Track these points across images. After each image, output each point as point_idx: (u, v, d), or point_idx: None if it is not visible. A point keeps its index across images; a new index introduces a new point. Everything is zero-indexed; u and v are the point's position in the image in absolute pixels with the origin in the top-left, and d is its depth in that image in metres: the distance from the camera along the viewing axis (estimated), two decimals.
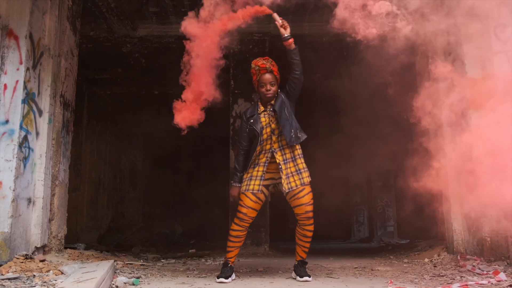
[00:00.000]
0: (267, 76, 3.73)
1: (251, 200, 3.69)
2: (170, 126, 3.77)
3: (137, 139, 12.94)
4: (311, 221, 3.70)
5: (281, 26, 3.64)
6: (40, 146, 4.46)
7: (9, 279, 3.30)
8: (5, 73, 4.09)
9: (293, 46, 3.63)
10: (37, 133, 4.44)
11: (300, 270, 3.74)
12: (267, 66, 3.72)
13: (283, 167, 3.69)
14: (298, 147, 3.77)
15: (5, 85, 4.08)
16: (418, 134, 4.65)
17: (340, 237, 14.17)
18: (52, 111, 4.67)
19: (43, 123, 4.52)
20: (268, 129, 3.77)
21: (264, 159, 3.76)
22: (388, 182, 12.39)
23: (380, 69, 4.64)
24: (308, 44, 7.32)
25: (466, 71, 4.42)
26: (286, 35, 3.63)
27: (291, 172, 3.70)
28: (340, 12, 3.61)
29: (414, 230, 9.90)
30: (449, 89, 4.59)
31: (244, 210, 3.69)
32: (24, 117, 4.15)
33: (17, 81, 4.12)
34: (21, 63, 4.15)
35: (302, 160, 3.76)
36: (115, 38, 7.48)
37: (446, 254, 4.92)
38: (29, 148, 4.27)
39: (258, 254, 6.68)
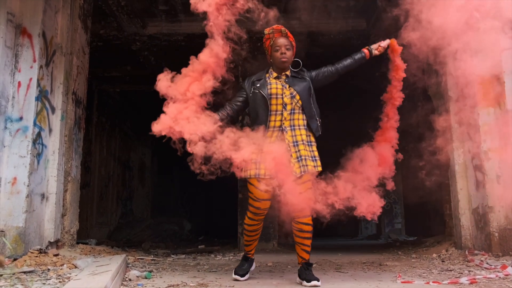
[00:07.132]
0: (282, 39, 3.33)
1: (261, 191, 3.15)
2: None
3: (145, 136, 13.01)
4: (306, 213, 3.19)
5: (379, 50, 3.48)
6: (53, 142, 4.53)
7: (24, 272, 3.37)
8: (19, 71, 4.17)
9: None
10: (50, 130, 4.51)
11: (306, 273, 3.15)
12: (282, 29, 3.32)
13: (293, 149, 3.19)
14: (312, 133, 3.34)
15: (19, 83, 4.15)
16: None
17: (348, 235, 14.20)
18: (65, 108, 4.74)
19: (56, 120, 4.59)
20: (280, 101, 3.28)
21: (273, 139, 3.24)
22: (396, 179, 12.35)
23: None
24: None
25: None
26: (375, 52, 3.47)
27: (305, 156, 3.19)
28: None
29: (422, 227, 9.92)
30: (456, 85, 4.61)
31: (256, 204, 3.24)
32: (37, 114, 4.22)
33: (30, 79, 4.19)
34: (34, 61, 4.22)
35: (315, 149, 3.31)
36: (125, 36, 7.53)
37: (454, 249, 4.94)
38: (42, 144, 4.34)
39: (267, 250, 6.74)
